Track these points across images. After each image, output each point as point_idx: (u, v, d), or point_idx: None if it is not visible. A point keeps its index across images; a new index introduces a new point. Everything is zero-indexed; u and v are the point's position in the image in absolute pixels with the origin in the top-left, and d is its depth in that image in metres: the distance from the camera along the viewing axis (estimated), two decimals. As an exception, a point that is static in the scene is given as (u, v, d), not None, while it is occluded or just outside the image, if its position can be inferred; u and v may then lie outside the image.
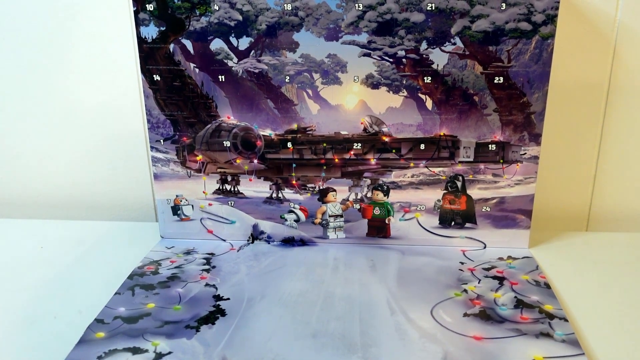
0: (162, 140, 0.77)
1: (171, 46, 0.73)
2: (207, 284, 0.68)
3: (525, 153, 0.73)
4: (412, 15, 0.69)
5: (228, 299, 0.65)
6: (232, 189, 0.79)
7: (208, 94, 0.75)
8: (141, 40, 0.73)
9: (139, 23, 0.72)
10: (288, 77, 0.74)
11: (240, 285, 0.68)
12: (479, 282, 0.68)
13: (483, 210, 0.76)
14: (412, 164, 0.75)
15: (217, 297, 0.65)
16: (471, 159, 0.74)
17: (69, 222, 0.88)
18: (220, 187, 0.79)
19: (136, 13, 0.72)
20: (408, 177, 0.76)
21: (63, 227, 0.86)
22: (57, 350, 0.57)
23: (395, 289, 0.67)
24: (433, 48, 0.70)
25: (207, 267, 0.73)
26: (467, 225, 0.77)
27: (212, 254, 0.76)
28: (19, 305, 0.65)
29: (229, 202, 0.79)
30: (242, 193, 0.79)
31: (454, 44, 0.70)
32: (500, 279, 0.68)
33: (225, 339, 0.58)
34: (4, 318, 0.62)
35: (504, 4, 0.67)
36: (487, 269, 0.71)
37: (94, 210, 0.91)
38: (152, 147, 0.78)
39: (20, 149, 0.90)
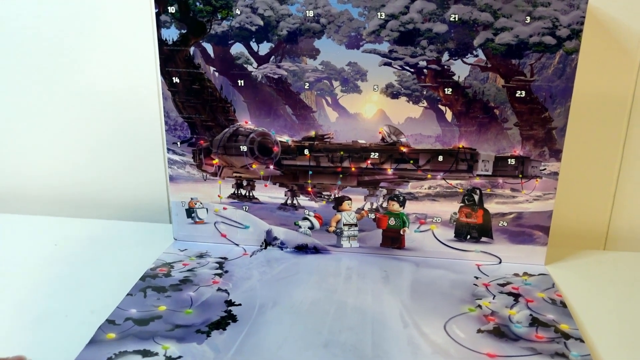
0: (179, 143, 0.78)
1: (191, 49, 0.74)
2: (219, 289, 0.69)
3: (545, 169, 0.73)
4: (435, 26, 0.69)
5: (240, 304, 0.65)
6: (247, 194, 0.79)
7: (227, 98, 0.76)
8: (162, 43, 0.74)
9: (160, 25, 0.73)
10: (307, 84, 0.74)
11: (252, 291, 0.68)
12: (493, 298, 0.67)
13: (500, 224, 0.76)
14: (429, 176, 0.75)
15: (229, 303, 0.66)
16: (489, 173, 0.74)
17: (83, 220, 0.89)
18: (236, 192, 0.79)
19: (158, 15, 0.73)
20: (425, 188, 0.76)
21: (77, 225, 0.87)
22: (68, 350, 0.58)
23: (409, 301, 0.66)
24: (455, 59, 0.70)
25: (219, 271, 0.73)
26: (483, 239, 0.77)
27: (225, 258, 0.77)
28: (31, 303, 0.65)
29: (244, 207, 0.80)
30: (257, 198, 0.79)
31: (476, 56, 0.70)
32: (516, 296, 0.68)
33: (235, 345, 0.58)
34: (15, 315, 0.63)
35: (528, 18, 0.67)
36: (502, 285, 0.71)
37: (108, 209, 0.92)
38: (168, 149, 0.79)
39: (37, 146, 0.91)
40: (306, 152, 0.76)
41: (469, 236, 0.77)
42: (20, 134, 0.91)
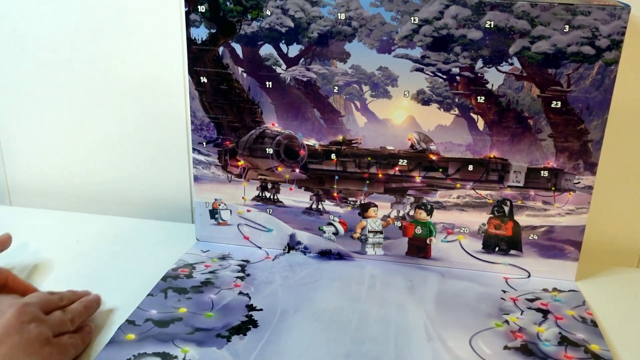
0: (204, 143, 0.78)
1: (220, 49, 0.74)
2: (240, 292, 0.68)
3: (579, 182, 0.71)
4: (470, 32, 0.68)
5: (261, 309, 0.65)
6: (272, 197, 0.79)
7: (254, 100, 0.75)
8: (190, 42, 0.73)
9: (189, 24, 0.73)
10: (337, 88, 0.73)
11: (274, 296, 0.68)
12: (521, 314, 0.66)
13: (530, 238, 0.74)
14: (458, 185, 0.74)
15: (250, 307, 0.65)
16: (521, 184, 0.73)
17: (106, 217, 0.89)
18: (260, 194, 0.79)
19: (187, 14, 0.72)
20: (453, 198, 0.75)
21: (100, 222, 0.88)
22: (87, 349, 0.58)
23: (434, 313, 0.65)
24: (489, 67, 0.69)
25: (241, 274, 0.73)
26: (512, 252, 0.75)
27: (247, 261, 0.76)
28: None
29: (268, 210, 0.79)
30: (281, 202, 0.79)
31: (512, 64, 0.68)
32: (545, 312, 0.66)
33: (256, 351, 0.57)
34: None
35: (567, 26, 0.65)
36: (531, 300, 0.69)
37: (131, 206, 0.92)
38: (194, 149, 0.78)
39: (62, 142, 0.92)
40: (333, 156, 0.75)
41: (497, 248, 0.76)
42: (46, 130, 0.92)
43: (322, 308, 0.65)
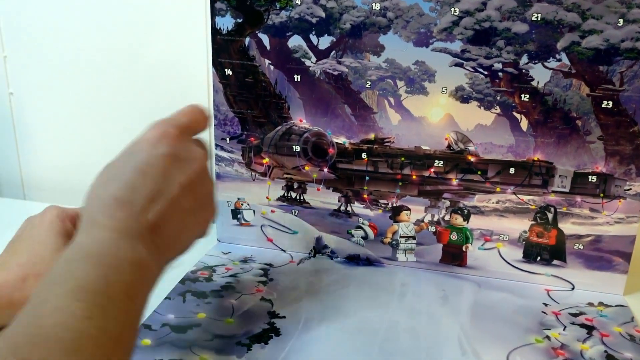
0: (228, 139, 0.79)
1: (247, 40, 0.75)
2: (262, 298, 0.69)
3: (631, 189, 0.71)
4: (514, 25, 0.68)
5: (284, 317, 0.66)
6: (298, 197, 0.80)
7: (281, 94, 0.76)
8: (215, 31, 0.75)
9: (214, 13, 0.74)
10: (369, 83, 0.74)
11: (297, 303, 0.69)
12: (564, 329, 0.66)
13: (575, 247, 0.74)
14: (498, 189, 0.74)
15: (273, 314, 0.66)
16: (567, 190, 0.73)
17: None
18: (285, 194, 0.80)
19: (212, 2, 0.74)
20: (492, 202, 0.75)
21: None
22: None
23: (468, 325, 0.66)
24: (534, 63, 0.69)
25: (263, 279, 0.74)
26: (555, 262, 0.75)
27: (270, 265, 0.78)
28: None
29: (293, 211, 0.80)
30: (307, 202, 0.80)
31: (559, 60, 0.68)
32: (589, 328, 0.66)
33: (277, 362, 0.58)
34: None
35: (621, 20, 0.65)
36: (575, 315, 0.69)
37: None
38: (216, 145, 0.80)
39: (77, 135, 0.94)
40: (364, 156, 0.76)
41: (539, 258, 0.76)
42: (63, 123, 0.94)
43: (349, 317, 0.66)
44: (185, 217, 0.53)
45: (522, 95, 0.71)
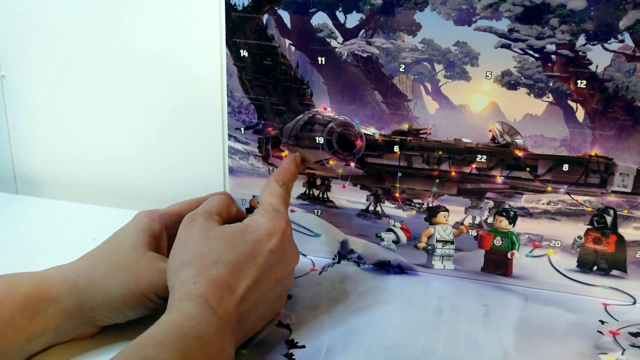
0: (242, 129, 0.80)
1: (265, 17, 0.76)
2: (280, 323, 0.68)
3: (703, 190, 0.70)
4: (570, 2, 0.67)
5: (303, 346, 0.65)
6: (321, 196, 0.81)
7: (303, 78, 0.77)
8: (230, 8, 0.76)
9: (229, -14, 0.75)
10: (403, 66, 0.74)
11: (319, 327, 0.68)
12: (622, 353, 0.66)
13: (637, 256, 0.74)
14: (549, 188, 0.74)
15: (291, 343, 0.66)
16: (628, 190, 0.72)
17: (126, 212, 0.92)
18: (307, 192, 0.81)
19: (227, -26, 0.75)
20: (543, 203, 0.75)
21: (115, 216, 0.91)
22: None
23: (513, 348, 0.66)
24: (593, 44, 0.69)
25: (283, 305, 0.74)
26: (614, 272, 0.75)
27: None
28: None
29: (315, 211, 0.81)
30: (332, 201, 0.81)
31: (622, 41, 0.68)
32: (652, 351, 0.66)
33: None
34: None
35: (694, -4, 0.65)
36: (636, 335, 0.69)
37: (153, 200, 0.95)
38: (229, 136, 0.81)
39: (74, 127, 0.96)
40: (396, 149, 0.77)
41: (595, 267, 0.76)
42: (58, 114, 0.96)
43: (377, 344, 0.66)
44: (265, 308, 0.63)
45: (579, 82, 0.71)
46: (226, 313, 0.55)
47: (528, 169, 0.74)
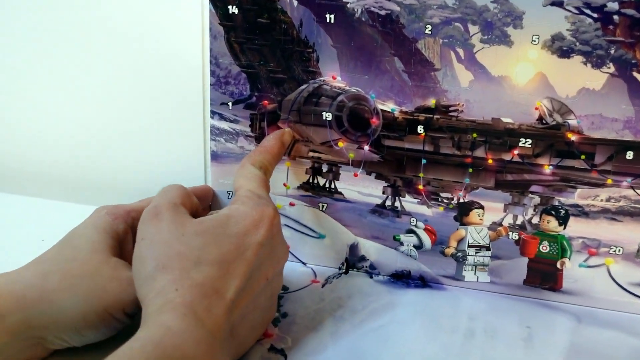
0: (230, 103, 0.80)
1: (261, -36, 0.76)
2: (272, 348, 0.68)
3: None
4: (637, -53, 0.68)
5: (301, 382, 0.65)
6: (328, 186, 0.81)
7: (308, 40, 0.77)
8: (218, -48, 0.76)
9: None
10: (430, 27, 0.74)
11: (321, 353, 0.67)
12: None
13: None
14: (609, 181, 0.74)
15: (285, 378, 0.66)
16: None
17: (83, 207, 0.92)
18: (310, 181, 0.81)
19: None
20: (601, 200, 0.75)
21: (75, 213, 0.90)
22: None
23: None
24: (665, 1, 0.69)
25: (275, 314, 0.73)
26: (689, 287, 0.75)
27: (285, 289, 0.78)
28: None
29: (320, 205, 0.81)
30: (340, 193, 0.81)
31: (701, -3, 0.68)
32: None
33: None
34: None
35: None
36: None
37: (118, 194, 0.94)
38: (213, 113, 0.81)
39: (28, 109, 0.96)
40: (420, 129, 0.77)
41: (665, 281, 0.76)
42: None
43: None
44: (257, 315, 0.63)
45: (647, 48, 0.71)
46: (216, 324, 0.54)
47: (583, 156, 0.74)
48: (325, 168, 0.81)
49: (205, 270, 0.56)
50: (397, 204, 0.80)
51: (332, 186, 0.81)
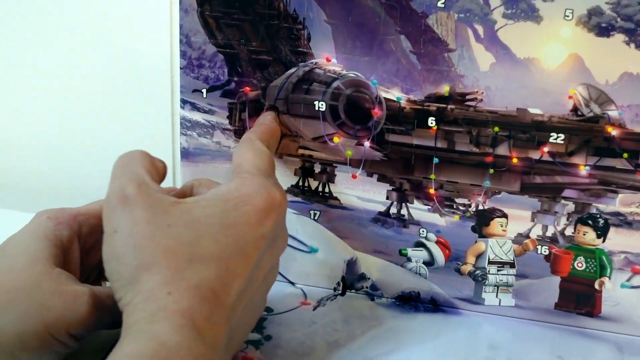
0: (204, 90, 0.81)
1: None
2: None
3: None
4: None
5: None
6: (321, 190, 0.82)
7: (297, 15, 0.78)
8: None
9: None
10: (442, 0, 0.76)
11: None
12: None
13: None
14: (657, 184, 0.75)
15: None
16: None
17: (22, 215, 0.92)
18: (300, 184, 0.82)
19: None
20: (647, 207, 0.77)
21: (12, 221, 0.91)
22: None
23: None
24: None
25: (256, 336, 0.74)
26: None
27: (269, 310, 0.78)
28: None
29: (311, 213, 0.82)
30: (336, 198, 0.82)
31: None
32: None
33: None
34: None
35: None
36: None
37: (64, 199, 0.95)
38: (183, 102, 0.82)
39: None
40: (432, 122, 0.78)
41: None
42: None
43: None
44: (250, 317, 0.64)
45: (701, 25, 0.72)
46: (215, 336, 0.54)
47: (626, 155, 0.75)
48: (317, 168, 0.81)
49: (200, 270, 0.55)
50: (403, 211, 0.81)
51: (326, 190, 0.81)
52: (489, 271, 0.80)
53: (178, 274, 0.54)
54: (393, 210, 0.81)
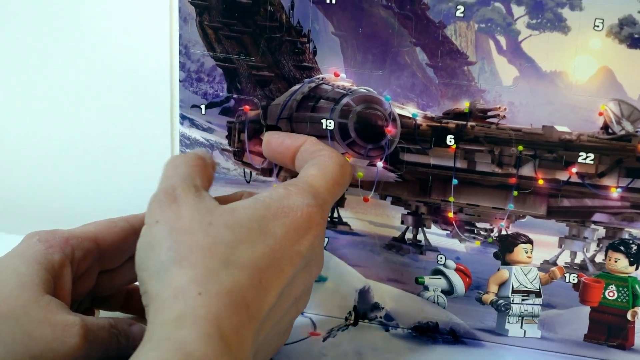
0: (203, 107, 0.81)
1: None
2: None
3: None
4: None
5: None
6: (330, 214, 0.81)
7: (301, 27, 0.77)
8: None
9: None
10: (462, 8, 0.74)
11: None
12: None
13: None
14: (695, 208, 0.74)
15: None
16: None
17: (11, 237, 0.92)
18: (305, 209, 0.81)
19: None
20: (684, 232, 0.75)
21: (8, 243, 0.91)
22: None
23: None
24: None
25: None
26: None
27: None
28: None
29: (319, 240, 0.81)
30: (346, 224, 0.81)
31: None
32: None
33: None
34: None
35: None
36: None
37: (57, 220, 0.95)
38: (183, 118, 0.81)
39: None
40: (450, 141, 0.77)
41: None
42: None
43: None
44: (273, 343, 0.65)
45: None
46: (241, 351, 0.53)
47: (661, 176, 0.74)
48: (325, 192, 0.81)
49: (235, 274, 0.55)
50: (420, 237, 0.80)
51: (336, 215, 0.81)
52: (512, 300, 0.79)
53: (212, 274, 0.55)
54: (409, 235, 0.81)
